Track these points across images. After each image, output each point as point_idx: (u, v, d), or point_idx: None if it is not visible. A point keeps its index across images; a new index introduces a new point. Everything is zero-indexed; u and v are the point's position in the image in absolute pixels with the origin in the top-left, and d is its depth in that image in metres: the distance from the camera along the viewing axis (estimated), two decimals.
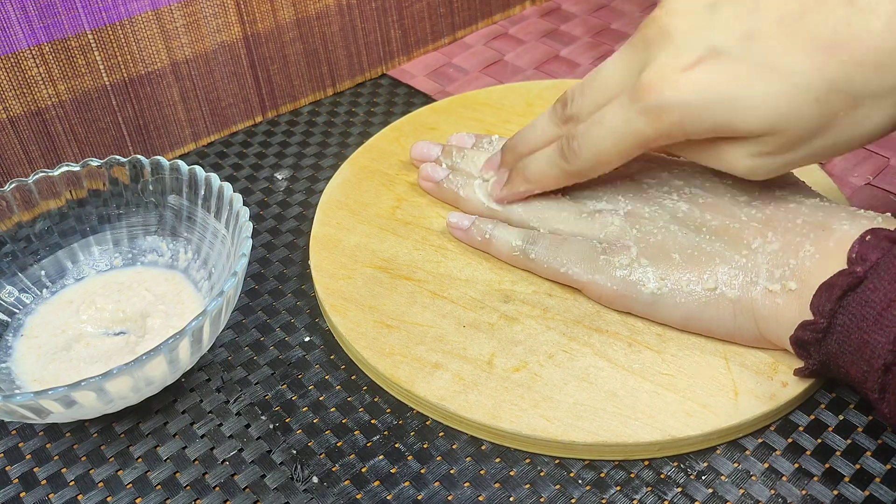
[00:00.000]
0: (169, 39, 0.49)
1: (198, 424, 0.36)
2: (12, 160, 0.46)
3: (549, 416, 0.34)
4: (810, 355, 0.33)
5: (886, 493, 0.32)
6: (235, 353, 0.39)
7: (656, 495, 0.32)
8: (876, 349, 0.29)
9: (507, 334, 0.38)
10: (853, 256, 0.31)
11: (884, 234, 0.31)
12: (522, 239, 0.40)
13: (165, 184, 0.42)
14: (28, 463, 0.35)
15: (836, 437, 0.34)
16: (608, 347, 0.37)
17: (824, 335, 0.31)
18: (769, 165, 0.33)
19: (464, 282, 0.40)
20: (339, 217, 0.45)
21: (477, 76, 0.59)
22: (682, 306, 0.36)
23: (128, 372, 0.31)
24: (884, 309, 0.29)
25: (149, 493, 0.34)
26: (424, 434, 0.35)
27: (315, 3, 0.54)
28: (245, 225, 0.37)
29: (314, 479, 0.34)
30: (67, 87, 0.47)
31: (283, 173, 0.51)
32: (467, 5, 0.63)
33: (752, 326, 0.35)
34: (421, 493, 0.33)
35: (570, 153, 0.37)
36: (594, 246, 0.38)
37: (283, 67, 0.55)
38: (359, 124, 0.55)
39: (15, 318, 0.40)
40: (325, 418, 0.36)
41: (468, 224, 0.42)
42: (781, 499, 0.32)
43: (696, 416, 0.34)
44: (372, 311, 0.39)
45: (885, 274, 0.30)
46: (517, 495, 0.33)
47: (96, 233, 0.42)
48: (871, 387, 0.30)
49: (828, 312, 0.31)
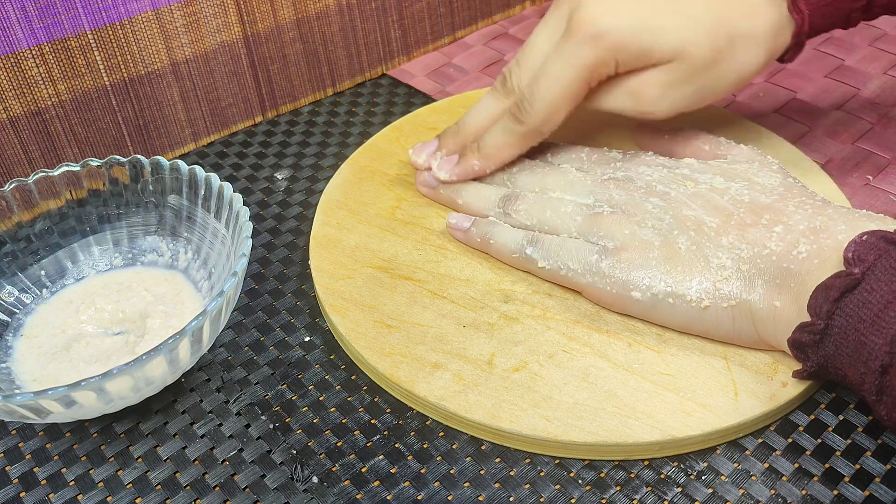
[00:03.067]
0: (169, 39, 0.49)
1: (198, 424, 0.36)
2: (12, 160, 0.46)
3: (549, 416, 0.34)
4: (808, 357, 0.33)
5: (886, 493, 0.32)
6: (235, 353, 0.39)
7: (656, 495, 0.32)
8: (873, 351, 0.29)
9: (507, 334, 0.38)
10: (850, 257, 0.31)
11: (880, 235, 0.31)
12: (522, 240, 0.40)
13: (165, 184, 0.42)
14: (28, 463, 0.35)
15: (836, 437, 0.34)
16: (608, 347, 0.37)
17: (822, 337, 0.31)
18: (672, 95, 0.39)
19: (464, 282, 0.40)
20: (339, 217, 0.45)
21: (477, 76, 0.59)
22: (681, 310, 0.36)
23: (128, 372, 0.31)
24: (881, 310, 0.29)
25: (149, 493, 0.34)
26: (424, 434, 0.35)
27: (315, 3, 0.54)
28: (245, 225, 0.37)
29: (314, 479, 0.34)
30: (67, 87, 0.47)
31: (283, 173, 0.51)
32: (467, 5, 0.63)
33: (750, 330, 0.35)
34: (421, 493, 0.33)
35: (523, 113, 0.41)
36: (593, 248, 0.38)
37: (283, 67, 0.55)
38: (359, 124, 0.55)
39: (15, 318, 0.40)
40: (325, 418, 0.36)
41: (468, 225, 0.42)
42: (781, 499, 0.32)
43: (696, 416, 0.34)
44: (372, 311, 0.39)
45: (883, 275, 0.30)
46: (517, 495, 0.33)
47: (96, 233, 0.42)
48: (869, 389, 0.30)
49: (825, 314, 0.31)
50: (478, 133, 0.44)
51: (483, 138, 0.43)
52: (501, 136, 0.42)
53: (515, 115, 0.41)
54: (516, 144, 0.42)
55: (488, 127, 0.43)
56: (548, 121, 0.41)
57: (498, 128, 0.42)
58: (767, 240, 0.35)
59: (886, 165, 0.47)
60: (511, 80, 0.42)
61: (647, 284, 0.36)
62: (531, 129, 0.41)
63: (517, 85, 0.42)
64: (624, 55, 0.38)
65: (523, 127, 0.41)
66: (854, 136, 0.50)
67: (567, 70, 0.39)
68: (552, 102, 0.40)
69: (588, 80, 0.39)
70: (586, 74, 0.39)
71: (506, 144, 0.42)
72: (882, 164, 0.47)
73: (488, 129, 0.43)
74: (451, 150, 0.44)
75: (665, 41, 0.38)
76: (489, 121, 0.43)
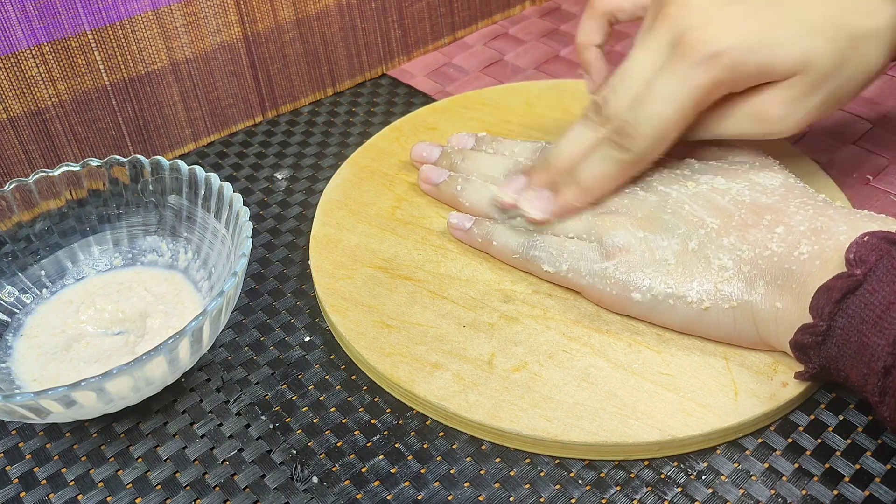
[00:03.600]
0: (169, 39, 0.49)
1: (198, 424, 0.36)
2: (12, 160, 0.46)
3: (549, 416, 0.34)
4: (810, 359, 0.33)
5: (886, 493, 0.32)
6: (235, 353, 0.39)
7: (656, 495, 0.32)
8: (876, 352, 0.29)
9: (507, 334, 0.38)
10: (851, 258, 0.31)
11: (882, 235, 0.31)
12: (522, 241, 0.40)
13: (165, 184, 0.42)
14: (28, 463, 0.35)
15: (836, 437, 0.34)
16: (608, 347, 0.37)
17: (824, 339, 0.31)
18: (799, 111, 0.37)
19: (464, 282, 0.40)
20: (339, 217, 0.45)
21: (477, 76, 0.59)
22: (682, 312, 0.36)
23: (128, 372, 0.31)
24: (883, 311, 0.29)
25: (149, 493, 0.34)
26: (424, 434, 0.35)
27: (315, 3, 0.54)
28: (245, 225, 0.37)
29: (314, 479, 0.34)
30: (67, 87, 0.47)
31: (283, 173, 0.51)
32: (467, 5, 0.63)
33: (752, 331, 0.35)
34: (421, 493, 0.33)
35: (627, 140, 0.38)
36: (593, 249, 0.38)
37: (283, 67, 0.55)
38: (359, 124, 0.55)
39: (15, 318, 0.40)
40: (325, 418, 0.36)
41: (469, 225, 0.42)
42: (781, 499, 0.32)
43: (696, 416, 0.34)
44: (372, 311, 0.39)
45: (885, 275, 0.30)
46: (517, 495, 0.33)
47: (96, 233, 0.42)
48: (872, 390, 0.30)
49: (827, 315, 0.31)
50: (572, 165, 0.40)
51: (579, 170, 0.40)
52: (602, 166, 0.39)
53: (618, 143, 0.38)
54: (619, 174, 0.39)
55: (582, 158, 0.40)
56: (655, 147, 0.38)
57: (597, 157, 0.39)
58: (769, 241, 0.35)
59: (886, 165, 0.47)
60: (609, 106, 0.38)
61: (647, 286, 0.36)
62: (637, 156, 0.38)
63: (617, 111, 0.38)
64: (742, 74, 0.36)
65: (628, 154, 0.38)
66: (854, 136, 0.50)
67: (680, 92, 0.36)
68: (660, 127, 0.37)
69: (701, 103, 0.37)
70: (701, 97, 0.36)
71: (607, 175, 0.39)
72: (882, 164, 0.47)
73: (582, 160, 0.40)
74: (541, 185, 0.41)
75: (786, 55, 0.36)
76: (583, 150, 0.40)
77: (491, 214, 0.42)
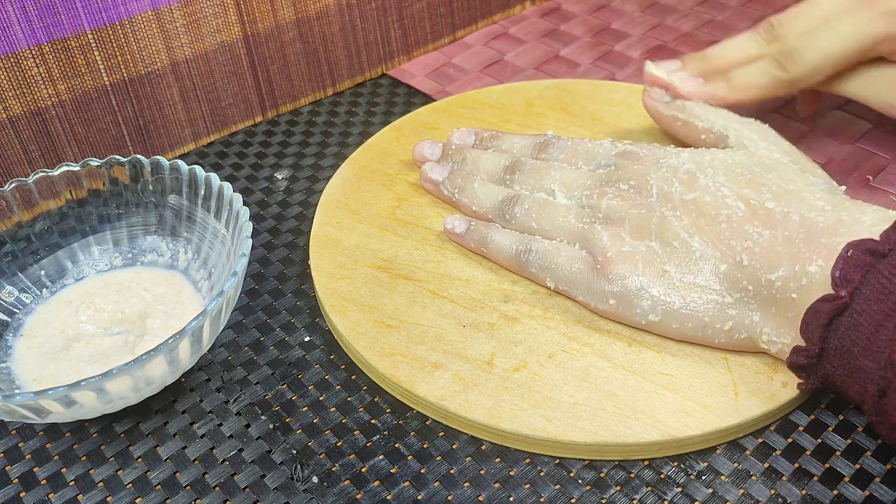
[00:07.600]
0: (169, 39, 0.49)
1: (198, 424, 0.36)
2: (12, 160, 0.46)
3: (548, 416, 0.34)
4: (808, 377, 0.32)
5: (886, 493, 0.32)
6: (235, 353, 0.39)
7: (656, 495, 0.32)
8: (869, 375, 0.29)
9: (507, 334, 0.38)
10: (837, 276, 0.30)
11: (865, 248, 0.30)
12: (518, 244, 0.40)
13: (165, 184, 0.42)
14: (28, 463, 0.35)
15: (836, 436, 0.34)
16: (608, 347, 0.37)
17: (818, 360, 0.31)
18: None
19: (464, 282, 0.40)
20: (339, 217, 0.45)
21: (477, 76, 0.59)
22: (679, 326, 0.35)
23: (128, 372, 0.31)
24: (872, 334, 0.29)
25: (149, 493, 0.34)
26: (424, 434, 0.35)
27: (315, 3, 0.54)
28: (245, 225, 0.37)
29: (314, 479, 0.34)
30: (67, 86, 0.47)
31: (283, 173, 0.51)
32: (467, 5, 0.63)
33: (750, 343, 0.35)
34: (421, 493, 0.33)
35: (790, 62, 0.42)
36: (585, 260, 0.38)
37: (283, 67, 0.55)
38: (359, 124, 0.55)
39: (15, 318, 0.40)
40: (325, 418, 0.36)
41: (464, 228, 0.42)
42: (781, 499, 0.32)
43: (696, 416, 0.34)
44: (372, 311, 0.39)
45: (871, 294, 0.29)
46: (517, 495, 0.33)
47: (96, 233, 0.43)
48: (869, 409, 0.30)
49: (818, 339, 0.30)
50: (728, 65, 0.44)
51: (736, 72, 0.43)
52: (758, 77, 0.43)
53: (780, 62, 0.42)
54: (769, 89, 0.43)
55: (739, 64, 0.43)
56: (810, 76, 0.42)
57: (756, 67, 0.43)
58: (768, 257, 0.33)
59: (886, 165, 0.47)
60: (782, 28, 0.42)
61: (643, 307, 0.36)
62: (792, 78, 0.42)
63: (789, 35, 0.42)
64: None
65: (786, 75, 0.42)
66: (854, 136, 0.50)
67: (855, 34, 0.40)
68: (823, 59, 0.41)
69: (866, 52, 0.40)
70: (869, 45, 0.40)
71: (759, 86, 0.43)
72: (882, 164, 0.47)
73: (739, 65, 0.43)
74: (695, 71, 0.45)
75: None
76: (742, 58, 0.43)
77: (492, 214, 0.42)
